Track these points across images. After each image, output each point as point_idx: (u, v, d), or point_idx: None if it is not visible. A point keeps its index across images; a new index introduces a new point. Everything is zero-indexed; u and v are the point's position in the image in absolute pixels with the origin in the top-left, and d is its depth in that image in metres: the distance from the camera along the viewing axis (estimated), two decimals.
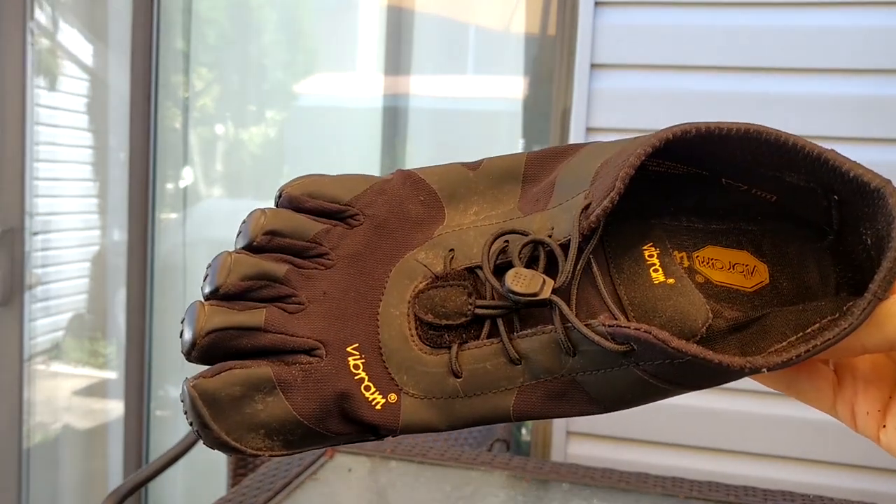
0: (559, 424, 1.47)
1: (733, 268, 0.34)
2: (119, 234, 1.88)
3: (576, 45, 1.39)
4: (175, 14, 1.83)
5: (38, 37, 1.85)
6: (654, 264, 0.33)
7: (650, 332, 0.27)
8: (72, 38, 1.93)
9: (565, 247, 0.31)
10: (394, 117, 1.76)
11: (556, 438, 1.47)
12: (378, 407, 0.31)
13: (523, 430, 1.66)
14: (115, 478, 1.90)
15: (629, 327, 0.27)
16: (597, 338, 0.29)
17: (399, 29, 1.76)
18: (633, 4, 1.38)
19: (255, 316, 0.32)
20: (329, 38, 1.90)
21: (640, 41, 1.37)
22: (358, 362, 0.32)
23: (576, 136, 1.43)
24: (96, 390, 2.00)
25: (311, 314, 0.32)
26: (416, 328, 0.32)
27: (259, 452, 0.31)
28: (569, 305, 0.30)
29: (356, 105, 1.84)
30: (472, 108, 1.77)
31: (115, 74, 1.87)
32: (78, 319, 2.02)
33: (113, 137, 1.90)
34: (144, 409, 1.87)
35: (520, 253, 0.31)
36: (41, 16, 1.86)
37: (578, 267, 0.31)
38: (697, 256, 0.34)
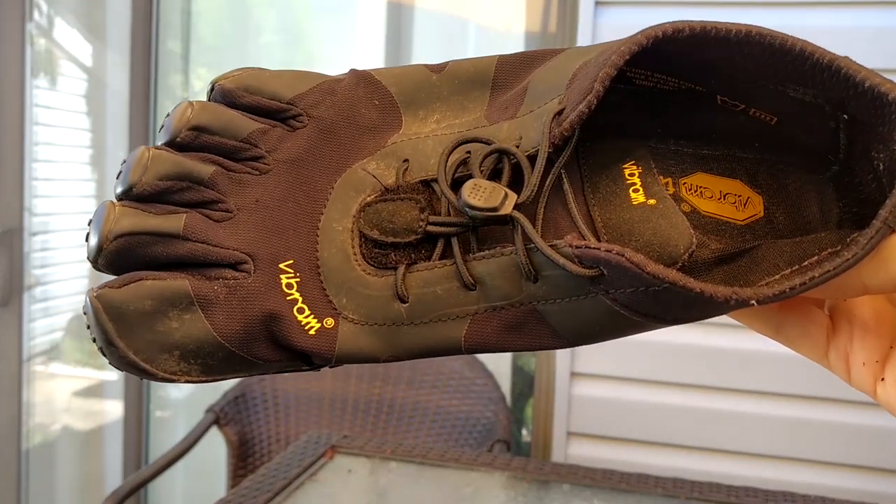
0: (560, 425, 1.47)
1: (724, 198, 0.30)
2: None
3: (576, 45, 1.39)
4: (174, 14, 1.83)
5: (37, 37, 1.84)
6: (634, 184, 0.29)
7: (623, 255, 0.24)
8: (70, 38, 1.93)
9: (533, 158, 0.27)
10: None
11: (557, 439, 1.47)
12: (312, 332, 0.28)
13: (524, 431, 1.66)
14: (115, 479, 1.89)
15: (599, 248, 0.24)
16: (562, 260, 0.25)
17: (399, 28, 1.75)
18: (634, 4, 1.38)
19: (173, 221, 0.28)
20: (328, 38, 1.90)
21: None
22: (291, 281, 0.28)
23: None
24: (95, 391, 2.00)
25: (240, 224, 0.28)
26: (360, 246, 0.29)
27: (173, 377, 0.28)
28: (533, 224, 0.27)
29: None
30: None
31: (114, 74, 1.87)
32: (77, 320, 2.02)
33: (112, 137, 1.89)
34: (143, 410, 1.86)
35: (481, 164, 0.28)
36: (40, 16, 1.85)
37: (547, 182, 0.28)
38: (685, 183, 0.30)
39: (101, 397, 2.01)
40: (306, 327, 0.28)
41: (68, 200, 1.97)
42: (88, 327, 0.28)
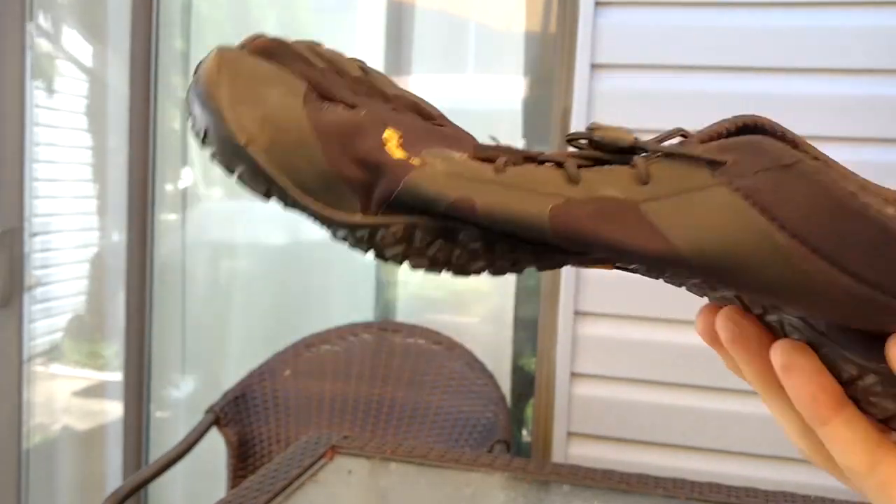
0: (560, 425, 1.47)
1: None
2: (118, 236, 1.87)
3: (576, 45, 1.39)
4: (174, 14, 1.83)
5: (38, 38, 1.84)
6: None
7: (762, 119, 0.24)
8: (71, 39, 1.93)
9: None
10: None
11: (557, 440, 1.47)
12: (394, 155, 0.29)
13: (524, 432, 1.66)
14: (115, 479, 1.89)
15: (740, 118, 0.25)
16: (688, 151, 0.26)
17: (399, 28, 1.75)
18: (634, 4, 1.38)
19: (317, 59, 0.31)
20: (329, 38, 1.89)
21: (640, 41, 1.37)
22: (392, 134, 0.29)
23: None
24: (95, 391, 2.00)
25: (366, 102, 0.31)
26: (478, 149, 0.30)
27: (240, 133, 0.28)
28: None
29: None
30: (473, 108, 1.76)
31: (115, 75, 1.87)
32: (77, 321, 2.02)
33: (112, 138, 1.89)
34: (144, 410, 1.86)
35: None
36: (40, 17, 1.85)
37: None
38: None
39: (101, 398, 2.01)
40: (390, 149, 0.29)
41: (68, 201, 1.97)
42: (197, 67, 0.30)
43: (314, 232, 1.97)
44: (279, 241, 1.89)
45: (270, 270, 1.89)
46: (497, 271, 0.30)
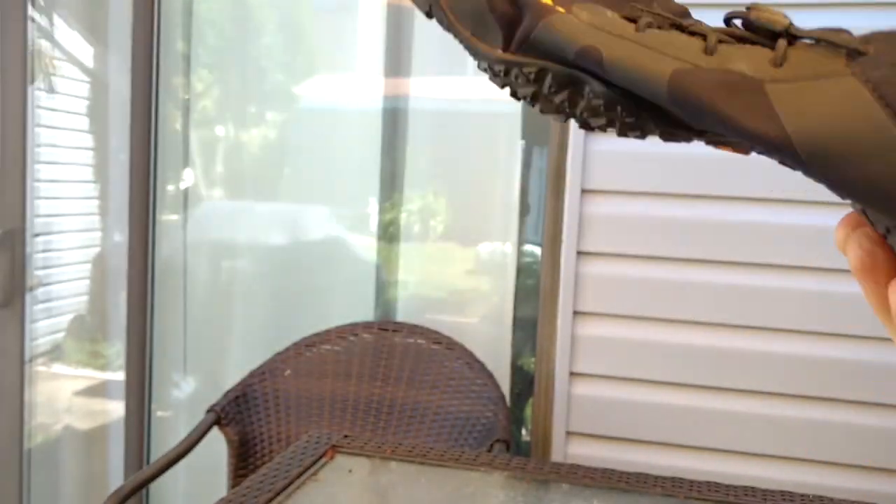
0: (559, 425, 1.47)
1: None
2: (120, 236, 1.88)
3: None
4: (175, 16, 1.83)
5: (39, 39, 1.85)
6: None
7: None
8: (72, 40, 1.93)
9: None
10: (394, 119, 1.76)
11: (556, 439, 1.48)
12: (543, 0, 0.30)
13: (523, 431, 1.66)
14: (116, 478, 1.90)
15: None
16: (834, 37, 0.25)
17: (399, 31, 1.76)
18: None
19: None
20: (329, 40, 1.90)
21: None
22: None
23: (576, 136, 1.43)
24: (97, 391, 2.01)
25: None
26: (633, 11, 0.30)
27: None
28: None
29: (356, 107, 1.85)
30: (472, 110, 1.77)
31: (116, 76, 1.87)
32: (79, 321, 2.03)
33: (113, 139, 1.90)
34: (145, 409, 1.87)
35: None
36: (41, 18, 1.86)
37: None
38: None
39: (102, 397, 2.02)
40: None
41: (70, 202, 1.98)
42: None
43: (314, 232, 1.98)
44: (280, 241, 1.89)
45: (271, 270, 1.90)
46: (621, 131, 0.31)
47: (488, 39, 0.31)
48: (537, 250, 1.60)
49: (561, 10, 0.30)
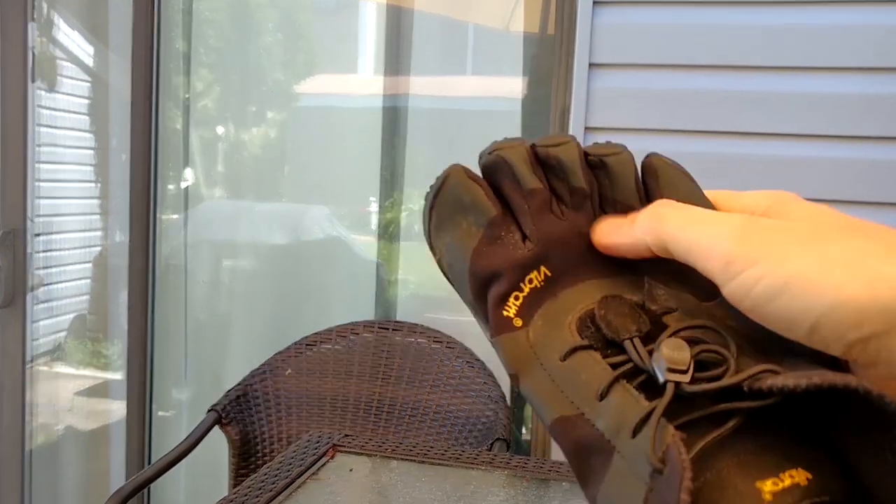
0: None
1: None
2: (121, 236, 1.88)
3: (574, 45, 1.40)
4: (176, 15, 1.83)
5: (39, 38, 1.85)
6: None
7: (684, 473, 0.24)
8: (73, 39, 1.94)
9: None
10: (393, 117, 1.76)
11: None
12: (504, 313, 0.33)
13: (524, 430, 1.66)
14: (118, 478, 1.90)
15: (681, 454, 0.24)
16: (650, 437, 0.26)
17: (398, 29, 1.76)
18: (632, 4, 1.38)
19: (534, 182, 0.34)
20: (329, 39, 1.90)
21: (638, 40, 1.38)
22: (535, 280, 0.33)
23: (575, 135, 1.43)
24: (99, 391, 2.01)
25: (553, 223, 0.34)
26: (583, 313, 0.32)
27: (437, 253, 0.35)
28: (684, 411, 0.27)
29: (356, 105, 1.85)
30: (472, 108, 1.77)
31: (116, 76, 1.88)
32: (80, 321, 2.03)
33: (114, 139, 1.90)
34: (147, 409, 1.87)
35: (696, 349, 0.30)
36: (42, 18, 1.86)
37: (718, 408, 0.28)
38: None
39: (104, 397, 2.02)
40: (506, 307, 0.33)
41: (71, 202, 1.98)
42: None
43: (315, 231, 1.98)
44: (280, 240, 1.89)
45: (272, 270, 1.90)
46: None
47: (482, 322, 0.35)
48: None
49: (518, 323, 0.33)
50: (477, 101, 1.75)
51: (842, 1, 1.31)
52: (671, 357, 0.28)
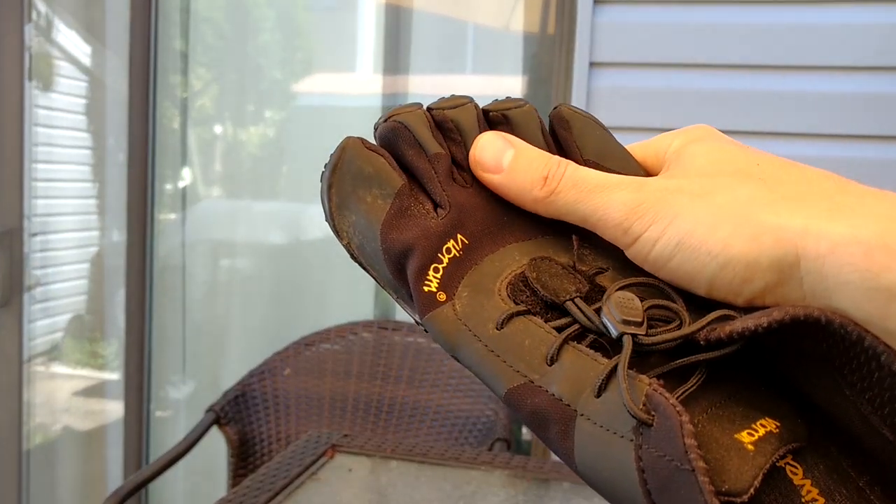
0: None
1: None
2: (118, 235, 1.88)
3: (574, 44, 1.39)
4: (173, 14, 1.83)
5: (36, 37, 1.85)
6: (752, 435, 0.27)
7: (681, 416, 0.23)
8: (69, 38, 1.93)
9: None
10: None
11: None
12: (426, 289, 0.31)
13: (524, 430, 1.66)
14: (115, 479, 1.90)
15: (669, 399, 0.23)
16: (625, 387, 0.25)
17: (397, 28, 1.76)
18: (632, 2, 1.38)
19: (434, 146, 0.32)
20: (327, 38, 1.90)
21: (638, 39, 1.38)
22: (452, 249, 0.31)
23: (471, 97, 1.43)
24: (96, 391, 2.01)
25: (461, 190, 0.32)
26: (513, 276, 0.31)
27: (340, 233, 0.33)
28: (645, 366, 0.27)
29: (355, 104, 1.84)
30: None
31: (113, 75, 1.87)
32: (77, 320, 2.02)
33: (111, 138, 1.90)
34: (144, 409, 1.87)
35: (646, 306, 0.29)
36: (38, 17, 1.86)
37: (679, 362, 0.27)
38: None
39: (101, 397, 2.02)
40: (427, 282, 0.31)
41: (68, 201, 1.97)
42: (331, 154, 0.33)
43: (313, 230, 1.97)
44: (279, 240, 1.89)
45: (270, 269, 1.89)
46: None
47: (406, 303, 0.33)
48: None
49: (442, 297, 0.30)
50: (477, 101, 1.75)
51: (842, 0, 1.31)
52: (624, 309, 0.27)
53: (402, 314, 1.74)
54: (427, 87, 1.75)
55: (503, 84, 1.71)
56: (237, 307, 1.90)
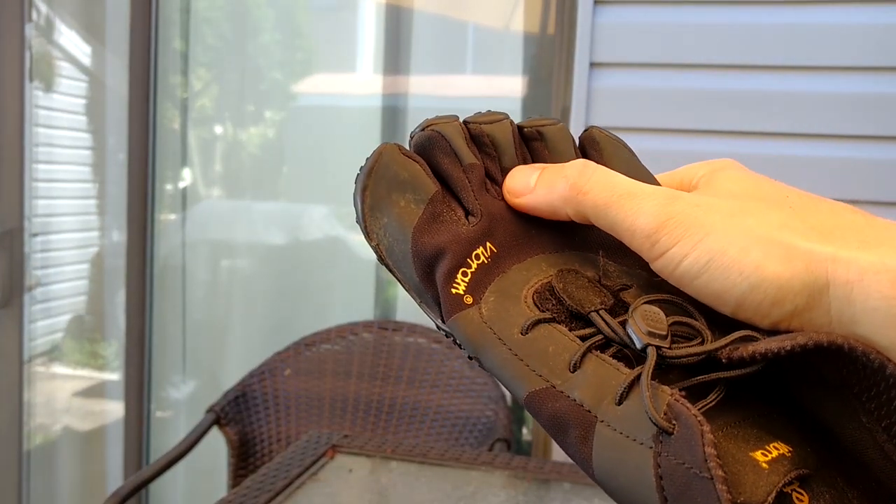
0: None
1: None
2: (118, 236, 1.88)
3: (575, 44, 1.39)
4: (173, 14, 1.83)
5: (36, 38, 1.84)
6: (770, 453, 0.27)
7: (703, 427, 0.24)
8: (70, 39, 1.93)
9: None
10: (393, 117, 1.76)
11: None
12: (453, 291, 0.32)
13: (524, 430, 1.66)
14: (116, 479, 1.90)
15: (690, 409, 0.24)
16: (648, 396, 0.25)
17: (398, 28, 1.76)
18: (632, 3, 1.38)
19: (470, 156, 0.33)
20: (328, 38, 1.90)
21: (638, 39, 1.37)
22: (482, 256, 0.32)
23: (576, 135, 1.43)
24: (96, 392, 2.00)
25: (498, 203, 0.33)
26: (539, 285, 0.32)
27: (371, 234, 0.33)
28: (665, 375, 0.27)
29: (355, 105, 1.84)
30: (472, 108, 1.76)
31: (114, 75, 1.87)
32: (77, 321, 2.02)
33: (111, 138, 1.90)
34: (144, 410, 1.86)
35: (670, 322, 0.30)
36: (39, 17, 1.85)
37: (700, 378, 0.27)
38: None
39: (101, 398, 2.02)
40: (455, 284, 0.32)
41: (68, 201, 1.97)
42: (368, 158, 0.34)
43: (313, 231, 1.97)
44: (279, 240, 1.89)
45: (270, 270, 1.89)
46: None
47: (434, 309, 0.33)
48: None
49: (469, 300, 0.31)
50: (477, 101, 1.74)
51: (843, 0, 1.31)
52: (650, 321, 0.28)
53: (402, 315, 1.74)
54: (427, 87, 1.75)
55: (503, 84, 1.71)
56: (237, 307, 1.90)
